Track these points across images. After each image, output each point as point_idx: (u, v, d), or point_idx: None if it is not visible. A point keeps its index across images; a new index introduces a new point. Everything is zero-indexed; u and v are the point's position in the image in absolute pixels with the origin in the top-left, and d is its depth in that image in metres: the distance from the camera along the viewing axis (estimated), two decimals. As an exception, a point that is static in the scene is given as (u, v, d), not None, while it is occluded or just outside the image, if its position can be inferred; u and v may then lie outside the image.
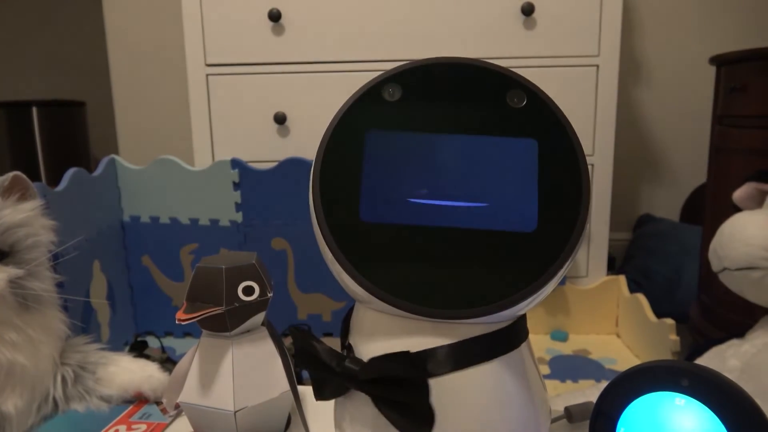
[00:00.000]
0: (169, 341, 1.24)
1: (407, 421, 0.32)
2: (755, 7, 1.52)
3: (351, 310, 0.38)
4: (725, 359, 0.70)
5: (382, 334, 0.34)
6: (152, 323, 1.26)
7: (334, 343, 0.36)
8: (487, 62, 0.35)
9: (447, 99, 0.34)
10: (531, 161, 0.33)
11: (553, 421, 0.45)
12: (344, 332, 0.38)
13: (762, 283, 0.68)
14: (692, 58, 1.52)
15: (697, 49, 1.47)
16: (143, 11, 1.68)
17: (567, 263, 0.32)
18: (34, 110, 2.00)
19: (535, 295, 0.31)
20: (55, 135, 2.05)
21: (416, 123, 0.34)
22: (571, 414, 0.45)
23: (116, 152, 1.48)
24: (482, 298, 0.31)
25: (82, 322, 1.00)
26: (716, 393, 0.29)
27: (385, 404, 0.32)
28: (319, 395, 0.36)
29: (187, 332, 1.27)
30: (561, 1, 1.15)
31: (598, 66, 1.17)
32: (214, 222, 1.19)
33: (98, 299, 1.10)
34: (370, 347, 0.34)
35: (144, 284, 1.24)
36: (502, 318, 0.33)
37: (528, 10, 1.14)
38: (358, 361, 0.33)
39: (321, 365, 0.34)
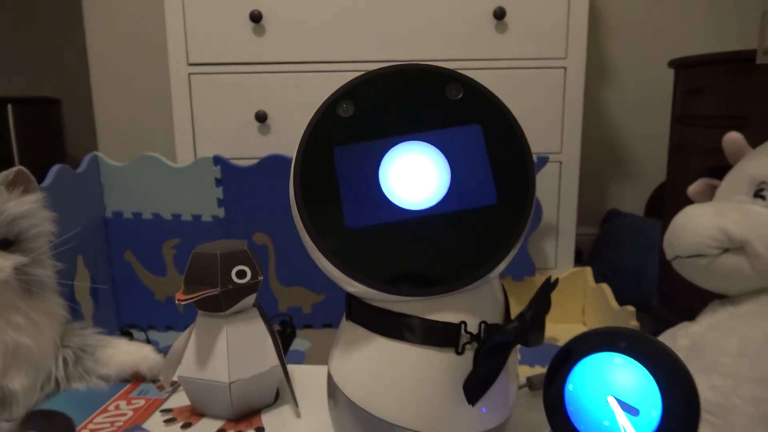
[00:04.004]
0: (151, 335, 1.26)
1: (539, 336, 0.37)
2: (713, 13, 1.60)
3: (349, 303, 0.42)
4: (676, 339, 0.76)
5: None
6: (135, 317, 1.28)
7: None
8: (422, 63, 0.39)
9: (395, 104, 0.38)
10: (479, 144, 0.38)
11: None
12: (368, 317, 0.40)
13: (709, 269, 0.74)
14: (654, 60, 1.59)
15: (659, 52, 1.54)
16: (122, 9, 1.69)
17: (529, 222, 0.37)
18: (9, 107, 1.99)
19: (509, 255, 0.37)
20: (31, 132, 2.04)
21: (374, 132, 0.38)
22: (531, 383, 0.50)
23: (92, 149, 1.49)
24: (468, 268, 0.36)
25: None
26: (649, 352, 0.34)
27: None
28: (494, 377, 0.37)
29: (170, 326, 1.29)
30: (531, 6, 1.21)
31: (565, 68, 1.23)
32: (197, 217, 1.22)
33: (82, 294, 1.12)
34: None
35: (126, 279, 1.27)
36: (486, 281, 0.38)
37: (500, 14, 1.20)
38: (508, 321, 0.38)
39: (505, 346, 0.37)
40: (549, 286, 0.37)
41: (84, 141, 1.92)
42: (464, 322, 0.37)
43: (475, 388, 0.37)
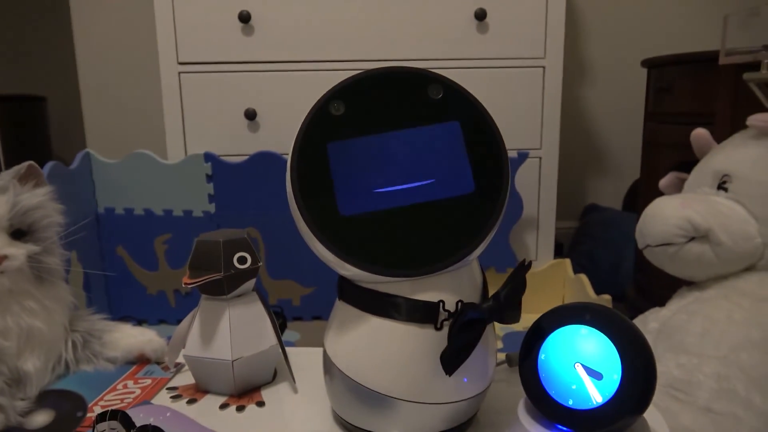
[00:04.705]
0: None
1: (515, 315, 0.42)
2: (686, 14, 1.66)
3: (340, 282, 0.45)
4: (647, 323, 0.82)
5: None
6: (127, 311, 1.31)
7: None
8: (406, 66, 0.43)
9: (382, 103, 0.42)
10: (458, 139, 0.42)
11: (497, 365, 0.54)
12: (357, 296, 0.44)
13: (677, 257, 0.79)
14: (629, 60, 1.64)
15: (634, 52, 1.59)
16: (111, 6, 1.71)
17: (503, 209, 0.41)
18: (-6, 105, 1.99)
19: (486, 239, 0.41)
20: (16, 130, 2.04)
21: (363, 128, 0.42)
22: (510, 359, 0.55)
23: (78, 148, 1.50)
24: (451, 249, 0.40)
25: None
26: (610, 323, 0.39)
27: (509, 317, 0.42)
28: (469, 351, 0.41)
29: (162, 319, 1.32)
30: (511, 7, 1.25)
31: (544, 67, 1.27)
32: (188, 213, 1.25)
33: (75, 288, 1.14)
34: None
35: (119, 273, 1.29)
36: (466, 263, 0.42)
37: (481, 16, 1.24)
38: (484, 300, 0.42)
39: (479, 322, 0.40)
40: (523, 267, 0.42)
41: (69, 139, 1.93)
42: (442, 301, 0.41)
43: (450, 360, 0.40)
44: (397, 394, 0.42)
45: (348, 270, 0.41)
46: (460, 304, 0.41)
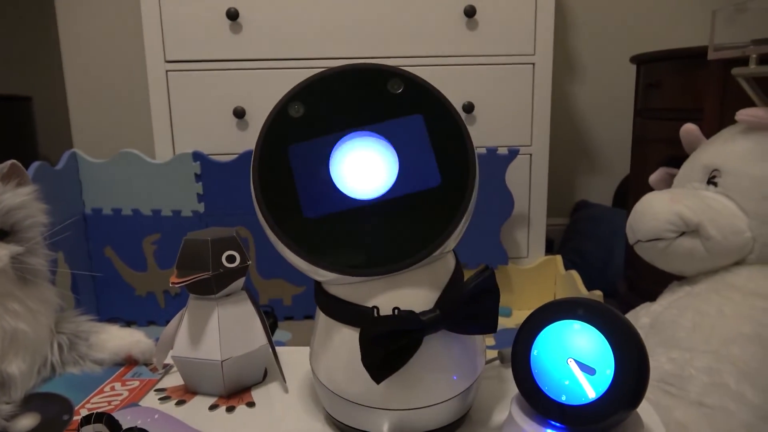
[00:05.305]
0: (133, 329, 1.27)
1: (486, 324, 0.40)
2: (672, 10, 1.67)
3: (318, 290, 0.44)
4: (638, 318, 0.82)
5: (358, 300, 0.41)
6: (115, 313, 1.29)
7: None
8: (364, 63, 0.42)
9: (342, 101, 0.42)
10: (422, 132, 0.41)
11: (488, 362, 0.54)
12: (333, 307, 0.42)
13: (667, 252, 0.80)
14: (619, 56, 1.65)
15: (623, 48, 1.60)
16: (96, 4, 1.69)
17: (472, 200, 0.40)
18: (-22, 105, 1.96)
19: (456, 231, 0.40)
20: (1, 130, 2.01)
21: (324, 129, 0.41)
22: (503, 356, 0.55)
23: (65, 147, 1.48)
24: (419, 245, 0.40)
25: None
26: (603, 318, 0.39)
27: (462, 327, 0.39)
28: (403, 360, 0.38)
29: (151, 321, 1.31)
30: (500, 4, 1.25)
31: (534, 64, 1.28)
32: (177, 213, 1.24)
33: (62, 290, 1.13)
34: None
35: (106, 274, 1.28)
36: (437, 258, 0.41)
37: (470, 12, 1.24)
38: (425, 312, 0.39)
39: (402, 333, 0.38)
40: (483, 273, 0.40)
41: (56, 139, 1.91)
42: (376, 307, 0.40)
43: (372, 370, 0.38)
44: (373, 404, 0.41)
45: (320, 275, 0.41)
46: (396, 311, 0.39)
